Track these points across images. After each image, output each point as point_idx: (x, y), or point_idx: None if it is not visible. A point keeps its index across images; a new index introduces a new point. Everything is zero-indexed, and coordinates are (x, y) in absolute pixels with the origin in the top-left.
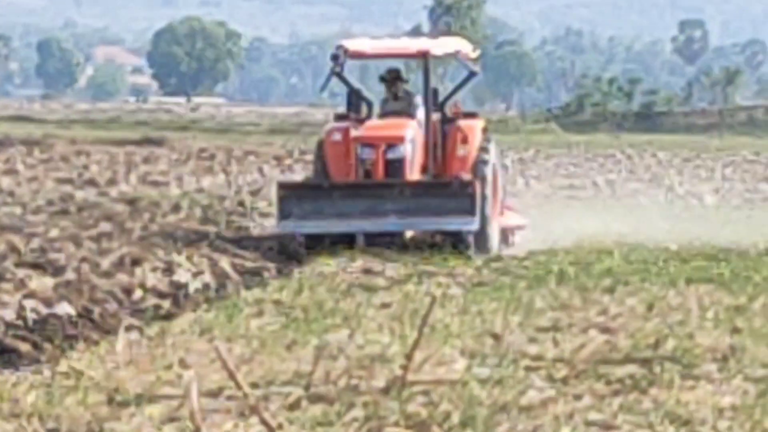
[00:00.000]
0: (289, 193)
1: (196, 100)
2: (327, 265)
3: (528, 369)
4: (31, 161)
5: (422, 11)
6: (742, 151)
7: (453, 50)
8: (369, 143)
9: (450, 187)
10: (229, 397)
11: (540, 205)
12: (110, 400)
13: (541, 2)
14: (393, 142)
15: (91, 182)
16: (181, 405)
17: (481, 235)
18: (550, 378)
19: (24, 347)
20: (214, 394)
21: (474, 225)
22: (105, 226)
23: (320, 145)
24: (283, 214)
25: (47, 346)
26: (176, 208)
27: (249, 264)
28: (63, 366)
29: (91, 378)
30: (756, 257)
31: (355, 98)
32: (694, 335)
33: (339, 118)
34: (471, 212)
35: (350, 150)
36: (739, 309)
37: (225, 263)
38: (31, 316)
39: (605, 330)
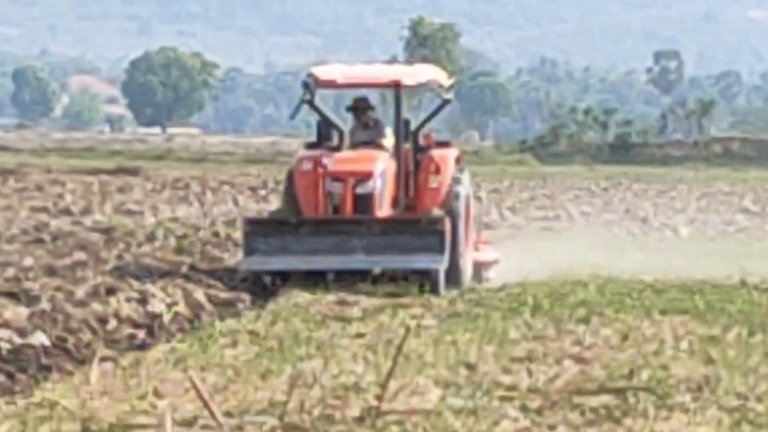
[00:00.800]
0: (255, 228)
1: (171, 130)
2: (301, 296)
3: (502, 399)
4: (6, 190)
5: (397, 42)
6: (717, 182)
7: (425, 79)
8: (337, 178)
9: (419, 224)
10: (204, 427)
11: (515, 236)
12: (84, 430)
13: (516, 33)
14: (362, 177)
15: (66, 211)
16: None
17: (453, 271)
18: (524, 408)
19: None
20: (189, 423)
21: (442, 264)
22: (79, 256)
23: (290, 175)
24: (249, 251)
25: (21, 376)
26: (151, 237)
27: (223, 295)
28: (37, 396)
29: (65, 408)
30: (730, 289)
31: (325, 127)
32: (668, 366)
33: (310, 146)
34: (440, 250)
35: (319, 182)
36: (714, 340)
37: (199, 294)
38: (4, 346)
39: (580, 360)
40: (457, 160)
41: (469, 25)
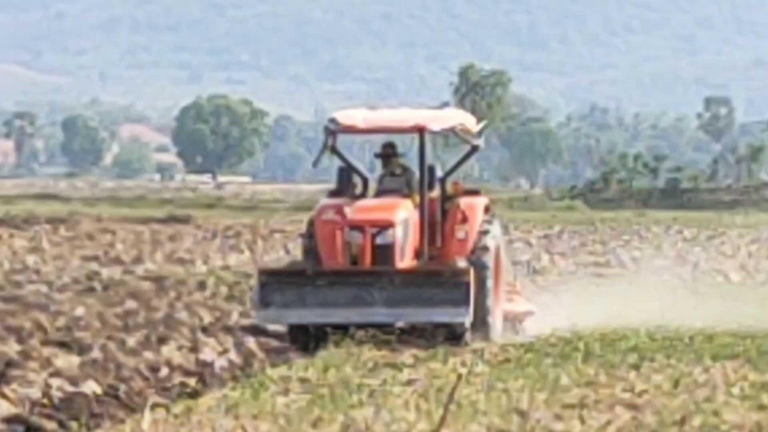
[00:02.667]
0: (270, 279)
1: (222, 178)
2: (352, 343)
3: None
4: (57, 239)
5: (447, 88)
6: (767, 228)
7: (451, 124)
8: (356, 227)
9: (442, 276)
10: None
11: (565, 282)
12: None
13: (566, 79)
14: (382, 226)
15: (117, 260)
16: None
17: (482, 324)
18: None
19: (50, 426)
20: None
21: (466, 317)
22: (131, 304)
23: (311, 223)
24: (264, 303)
25: (73, 424)
26: (202, 286)
27: (274, 342)
28: None
29: None
30: None
31: (346, 174)
32: (720, 412)
33: (332, 194)
34: (464, 303)
35: (339, 231)
36: (766, 386)
37: (250, 341)
38: (56, 394)
39: (631, 407)
40: (487, 209)
41: (519, 72)
